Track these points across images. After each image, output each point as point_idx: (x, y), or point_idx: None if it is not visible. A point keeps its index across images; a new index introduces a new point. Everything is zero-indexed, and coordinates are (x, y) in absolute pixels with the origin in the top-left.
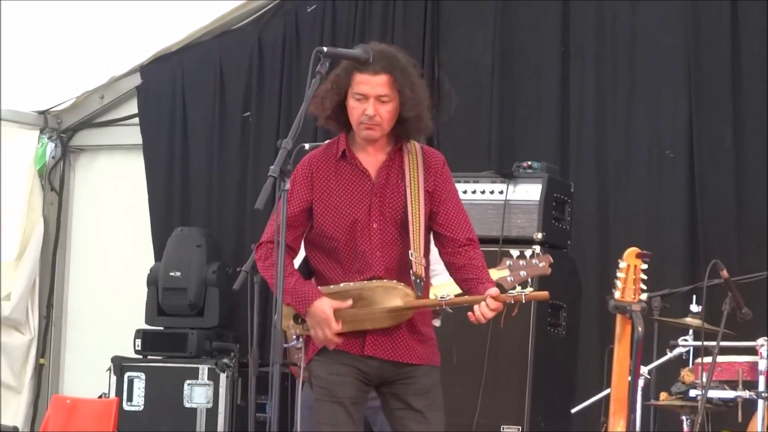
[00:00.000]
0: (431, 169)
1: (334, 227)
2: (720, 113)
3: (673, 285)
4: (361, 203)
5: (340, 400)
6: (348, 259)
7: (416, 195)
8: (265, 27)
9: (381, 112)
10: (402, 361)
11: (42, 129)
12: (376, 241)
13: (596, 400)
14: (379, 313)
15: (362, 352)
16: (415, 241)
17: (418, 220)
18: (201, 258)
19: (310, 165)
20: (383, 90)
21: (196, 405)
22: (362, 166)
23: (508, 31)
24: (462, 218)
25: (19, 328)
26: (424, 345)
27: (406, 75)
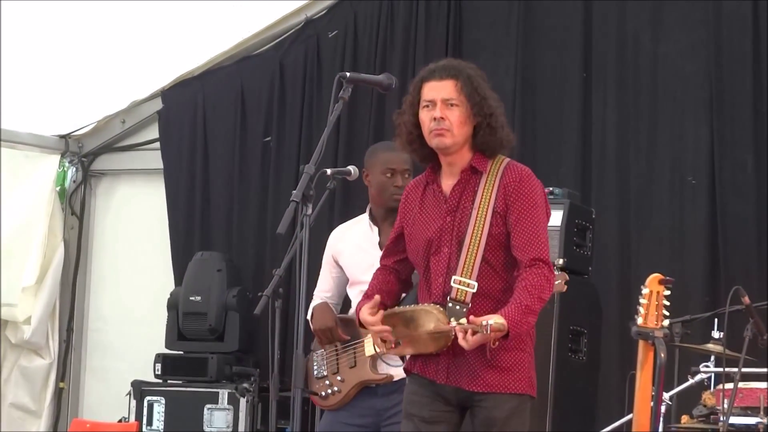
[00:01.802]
0: (505, 187)
1: (414, 252)
2: (742, 140)
3: (694, 311)
4: (434, 226)
5: (411, 415)
6: (427, 282)
7: (483, 216)
8: (286, 52)
9: (449, 116)
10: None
11: (63, 153)
12: (443, 265)
13: (617, 426)
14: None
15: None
16: (467, 265)
17: (477, 243)
18: (221, 282)
19: (406, 193)
20: (449, 93)
21: (216, 429)
22: (441, 189)
23: (530, 58)
24: (530, 238)
25: (39, 351)
26: (499, 372)
27: (474, 82)
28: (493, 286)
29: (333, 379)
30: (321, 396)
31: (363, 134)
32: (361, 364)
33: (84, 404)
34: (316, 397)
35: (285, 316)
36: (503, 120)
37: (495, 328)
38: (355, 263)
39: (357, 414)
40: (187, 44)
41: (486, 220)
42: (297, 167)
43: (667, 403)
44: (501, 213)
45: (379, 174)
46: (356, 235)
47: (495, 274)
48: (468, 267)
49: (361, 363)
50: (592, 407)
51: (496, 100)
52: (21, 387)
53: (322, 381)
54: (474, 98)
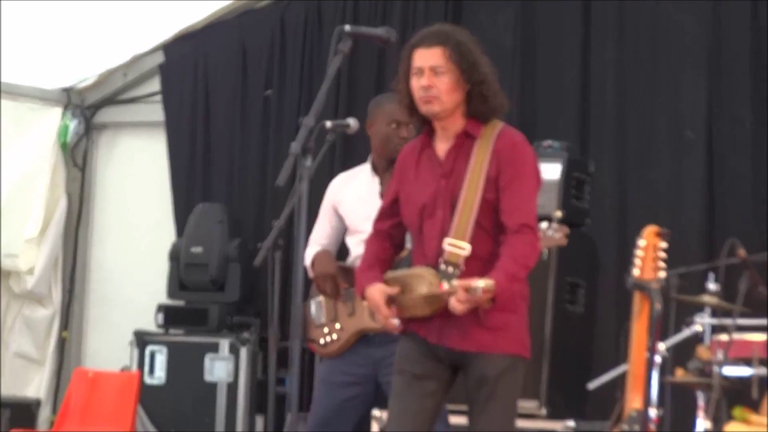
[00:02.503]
0: (499, 152)
1: (408, 215)
2: (740, 96)
3: (690, 263)
4: (428, 190)
5: (402, 371)
6: (421, 245)
7: (476, 179)
8: (287, 7)
9: (437, 83)
10: (461, 350)
11: (65, 106)
12: (437, 228)
13: (613, 377)
14: (417, 299)
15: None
16: (459, 228)
17: (470, 206)
18: (222, 234)
19: (402, 157)
20: (436, 61)
21: (217, 379)
22: (435, 153)
23: (530, 13)
24: (519, 203)
25: (42, 301)
26: (492, 333)
27: (463, 48)
28: (484, 248)
29: (331, 327)
30: (319, 344)
31: (364, 88)
32: (360, 313)
33: (86, 353)
34: (315, 345)
35: (285, 267)
36: (495, 86)
37: (486, 289)
38: (355, 212)
39: (355, 363)
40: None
41: (479, 184)
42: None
43: (662, 354)
44: (493, 178)
45: (384, 125)
46: (358, 184)
47: (487, 237)
48: (461, 230)
49: (360, 311)
50: (588, 357)
51: (488, 66)
52: (24, 336)
53: (320, 329)
54: (463, 65)
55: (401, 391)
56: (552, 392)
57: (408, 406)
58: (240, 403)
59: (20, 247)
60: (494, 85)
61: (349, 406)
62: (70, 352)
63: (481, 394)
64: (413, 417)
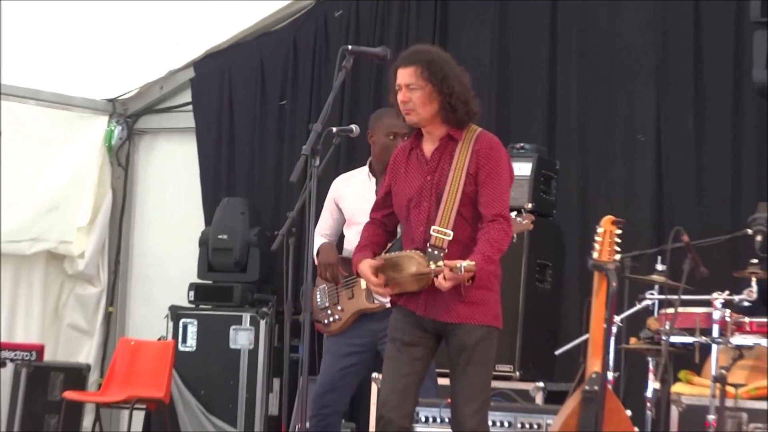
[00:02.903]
0: (478, 153)
1: (398, 206)
2: (683, 104)
3: (642, 247)
4: (415, 184)
5: (394, 339)
6: (409, 231)
7: (458, 176)
8: (299, 29)
9: (412, 98)
10: (444, 321)
11: (111, 114)
12: (423, 217)
13: (576, 344)
14: (406, 277)
15: (416, 311)
16: (444, 217)
17: (453, 198)
18: (244, 223)
19: (394, 156)
20: (410, 79)
21: (240, 346)
22: (423, 154)
23: (505, 34)
24: (494, 196)
25: (91, 281)
26: (470, 306)
27: (434, 66)
28: (464, 234)
29: (334, 309)
30: (324, 324)
31: (364, 98)
32: (358, 296)
33: (129, 325)
34: (320, 325)
35: (297, 252)
36: (465, 96)
37: (468, 269)
38: (354, 207)
39: (356, 335)
40: (216, 22)
41: (461, 179)
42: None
43: (618, 325)
44: (473, 174)
45: (383, 136)
46: (357, 183)
47: (466, 224)
48: (445, 218)
49: (358, 294)
50: (555, 328)
51: (457, 80)
52: (76, 311)
53: (324, 311)
54: (433, 81)
55: (393, 356)
56: (524, 357)
57: (399, 369)
58: (260, 368)
59: (73, 235)
60: (463, 96)
61: (351, 372)
62: (115, 324)
63: (461, 359)
64: (404, 378)
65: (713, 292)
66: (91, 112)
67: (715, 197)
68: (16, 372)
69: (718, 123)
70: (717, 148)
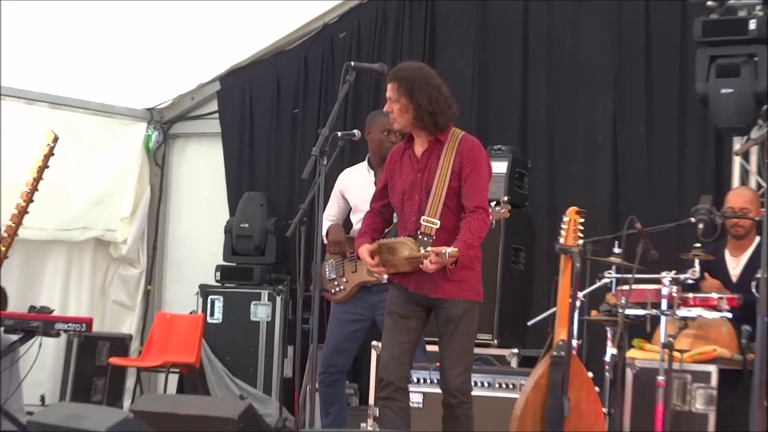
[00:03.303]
0: (461, 153)
1: (394, 199)
2: (636, 110)
3: (601, 233)
4: (407, 180)
5: (391, 312)
6: (403, 220)
7: (444, 173)
8: (309, 48)
9: (393, 108)
10: (433, 296)
11: (149, 121)
12: (414, 208)
13: (545, 316)
14: (400, 260)
15: (408, 287)
16: (432, 208)
17: (440, 192)
18: (263, 214)
19: (390, 155)
20: (390, 93)
21: (259, 319)
22: (414, 154)
23: (485, 52)
24: (475, 190)
25: (133, 263)
26: (455, 284)
27: (409, 82)
28: (449, 222)
29: (340, 281)
30: (331, 293)
31: (364, 106)
32: (360, 270)
33: (165, 301)
34: (328, 293)
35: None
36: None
37: (452, 254)
38: (357, 196)
39: (357, 306)
40: (238, 43)
41: (447, 176)
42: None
43: (581, 300)
44: (457, 172)
45: (379, 133)
46: (358, 176)
47: (451, 214)
48: (434, 209)
49: (360, 269)
50: (527, 302)
51: (425, 94)
52: (120, 289)
53: (332, 282)
54: (406, 95)
55: (390, 327)
56: (501, 328)
57: (396, 338)
58: (276, 337)
59: (117, 224)
60: (431, 108)
61: (353, 337)
62: (153, 300)
63: (448, 329)
64: (400, 345)
65: (662, 271)
66: (132, 120)
67: (663, 190)
68: (69, 341)
69: (665, 127)
70: (665, 148)
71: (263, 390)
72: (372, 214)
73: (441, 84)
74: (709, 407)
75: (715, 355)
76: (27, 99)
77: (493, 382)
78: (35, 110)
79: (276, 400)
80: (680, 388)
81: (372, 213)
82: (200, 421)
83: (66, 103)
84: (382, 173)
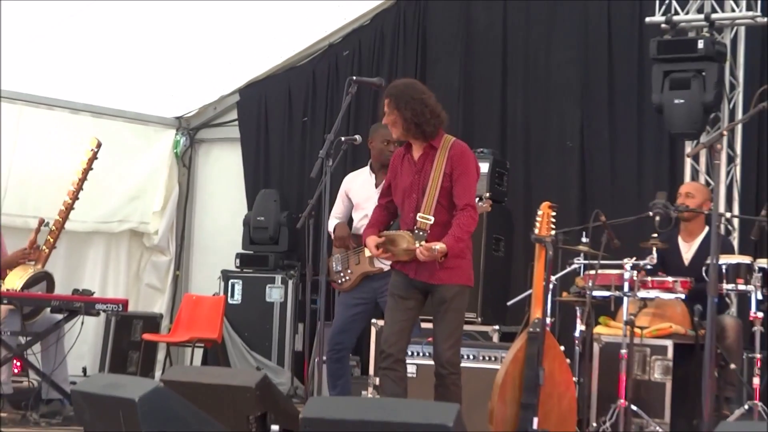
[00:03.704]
0: (452, 157)
1: (396, 197)
2: (600, 118)
3: (570, 225)
4: (407, 181)
5: (393, 294)
6: (403, 215)
7: (437, 175)
8: (317, 64)
9: (389, 120)
10: (429, 282)
11: (177, 128)
12: (412, 206)
13: (522, 297)
14: (400, 251)
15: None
16: (427, 206)
17: (434, 192)
18: (277, 208)
19: (393, 159)
20: (386, 107)
21: (273, 300)
22: (412, 158)
23: (470, 65)
24: (464, 190)
25: (163, 251)
26: (448, 271)
27: (399, 97)
28: (442, 218)
29: (345, 272)
30: (338, 283)
31: (364, 115)
32: (363, 261)
33: (191, 284)
34: (335, 283)
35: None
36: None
37: (440, 250)
38: (359, 196)
39: (361, 291)
40: (255, 59)
41: (440, 177)
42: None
43: (553, 283)
44: (448, 174)
45: (379, 143)
46: (361, 179)
47: (444, 210)
48: (428, 207)
49: (363, 261)
50: (506, 285)
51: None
52: (152, 274)
53: (338, 274)
54: (399, 107)
55: (392, 306)
56: (484, 307)
57: (396, 316)
58: (288, 315)
59: (150, 217)
60: (417, 119)
61: (357, 318)
62: (181, 284)
63: (441, 310)
64: (399, 323)
65: (624, 258)
66: (162, 127)
67: (625, 187)
68: (107, 320)
69: (626, 132)
70: (626, 151)
71: (277, 362)
72: (379, 208)
73: (427, 98)
74: (666, 376)
75: (671, 331)
76: (72, 109)
77: (477, 355)
78: (79, 119)
79: (288, 371)
80: (641, 359)
81: (379, 208)
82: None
83: (106, 112)
84: (387, 174)
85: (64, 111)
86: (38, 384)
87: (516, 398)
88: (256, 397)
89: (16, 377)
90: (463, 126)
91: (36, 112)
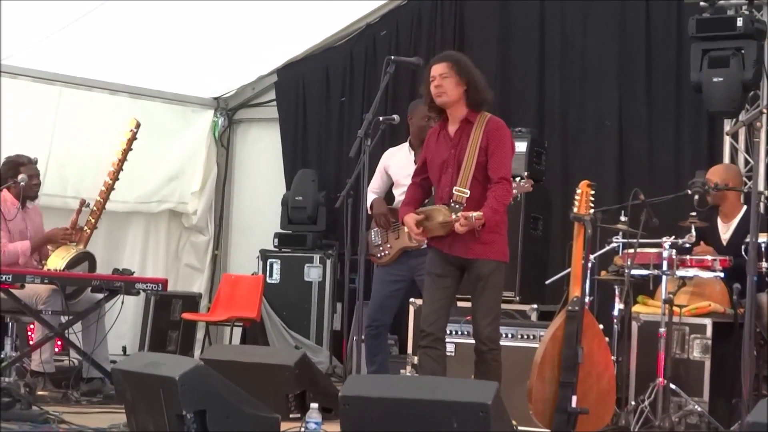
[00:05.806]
0: (488, 132)
1: (432, 172)
2: (638, 98)
3: (609, 204)
4: (443, 156)
5: (430, 272)
6: (439, 191)
7: (473, 149)
8: (354, 44)
9: (444, 83)
10: (464, 257)
11: (215, 109)
12: (448, 180)
13: (561, 276)
14: (435, 225)
15: (443, 249)
16: (462, 180)
17: (470, 166)
18: (315, 188)
19: (428, 135)
20: (443, 70)
21: (312, 279)
22: (448, 133)
23: (506, 47)
24: (500, 164)
25: (202, 231)
26: (484, 245)
27: (461, 62)
28: (478, 192)
29: (384, 246)
30: (377, 257)
31: (402, 95)
32: (402, 236)
33: (230, 264)
34: (374, 257)
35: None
36: (482, 85)
37: (478, 218)
38: (399, 172)
39: (398, 268)
40: (293, 40)
41: (476, 152)
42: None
43: (592, 261)
44: (484, 148)
45: (419, 119)
46: (401, 155)
47: (479, 184)
48: (464, 181)
49: (402, 235)
50: (545, 264)
51: (477, 74)
52: (191, 254)
53: (377, 248)
54: (460, 72)
55: (429, 285)
56: (523, 286)
57: (435, 295)
58: (326, 295)
59: (188, 197)
60: (481, 85)
61: (394, 295)
62: (220, 263)
63: (478, 287)
64: (438, 302)
65: (663, 236)
66: (201, 107)
67: (663, 166)
68: (147, 299)
69: (664, 111)
70: (664, 130)
71: (315, 341)
72: (414, 186)
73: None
74: (705, 355)
75: (710, 310)
76: (110, 90)
77: (516, 334)
78: (118, 100)
79: (326, 349)
80: (679, 338)
81: (414, 185)
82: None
83: (144, 93)
84: (422, 152)
85: (103, 92)
86: (79, 363)
87: (555, 377)
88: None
89: (58, 356)
90: (500, 106)
91: (75, 93)
